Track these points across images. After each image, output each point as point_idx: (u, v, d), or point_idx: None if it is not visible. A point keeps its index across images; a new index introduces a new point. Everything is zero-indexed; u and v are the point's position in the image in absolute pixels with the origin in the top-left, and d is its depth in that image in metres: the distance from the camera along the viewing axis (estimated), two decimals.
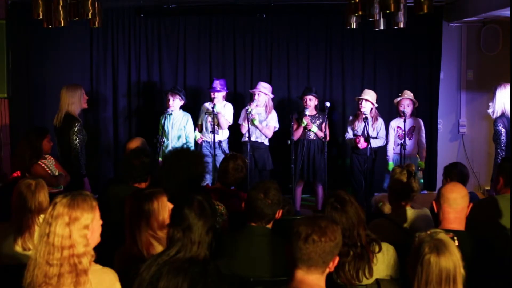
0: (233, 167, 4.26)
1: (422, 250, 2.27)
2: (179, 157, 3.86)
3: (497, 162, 5.82)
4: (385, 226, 3.57)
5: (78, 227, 2.37)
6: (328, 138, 6.50)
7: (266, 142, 6.75)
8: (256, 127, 6.57)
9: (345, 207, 2.85)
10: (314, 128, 6.57)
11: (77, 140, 5.48)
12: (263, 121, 6.62)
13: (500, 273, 2.94)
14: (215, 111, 6.46)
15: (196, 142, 6.77)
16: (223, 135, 6.73)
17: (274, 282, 2.87)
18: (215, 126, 6.53)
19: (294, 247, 2.21)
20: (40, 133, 5.17)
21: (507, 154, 5.81)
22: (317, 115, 6.66)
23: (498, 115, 5.93)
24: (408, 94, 6.64)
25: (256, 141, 6.64)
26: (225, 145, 6.76)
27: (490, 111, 6.05)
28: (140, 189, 3.27)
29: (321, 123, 6.58)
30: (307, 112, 6.56)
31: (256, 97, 6.62)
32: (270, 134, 6.67)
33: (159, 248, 2.83)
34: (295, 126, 6.58)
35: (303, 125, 6.52)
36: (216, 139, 6.59)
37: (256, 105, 6.60)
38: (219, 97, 6.66)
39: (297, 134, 6.61)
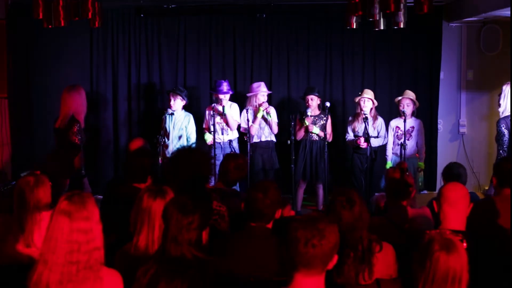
0: (234, 166, 4.26)
1: (431, 247, 2.28)
2: (187, 156, 3.84)
3: None
4: (384, 225, 3.57)
5: (95, 221, 2.45)
6: (330, 138, 6.52)
7: (274, 139, 6.74)
8: (268, 122, 6.58)
9: (353, 208, 2.84)
10: (315, 129, 6.53)
11: (77, 141, 5.46)
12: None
13: (500, 273, 2.95)
14: (224, 114, 6.49)
15: (204, 143, 6.75)
16: (233, 134, 6.75)
17: (274, 282, 2.86)
18: (224, 127, 6.58)
19: (293, 251, 2.19)
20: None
21: (509, 155, 5.80)
22: (321, 115, 6.60)
23: (506, 114, 5.91)
24: (410, 94, 6.64)
25: (266, 141, 6.66)
26: (235, 145, 6.77)
27: (501, 110, 6.03)
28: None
29: (325, 123, 6.57)
30: (309, 112, 6.54)
31: (262, 98, 6.62)
32: (277, 129, 6.69)
33: None
34: (297, 126, 6.58)
35: (305, 125, 6.51)
36: (226, 139, 6.65)
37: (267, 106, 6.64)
38: (226, 98, 6.67)
39: (300, 135, 6.61)
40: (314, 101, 6.61)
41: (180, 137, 6.59)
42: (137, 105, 7.81)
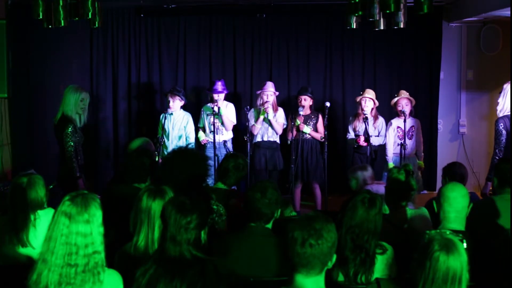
0: (234, 166, 4.26)
1: (431, 247, 2.27)
2: (182, 157, 3.85)
3: (493, 162, 5.81)
4: (383, 226, 3.56)
5: (96, 224, 2.43)
6: (324, 137, 6.47)
7: (278, 140, 6.73)
8: (270, 122, 6.57)
9: (370, 209, 2.84)
10: (306, 129, 6.52)
11: (70, 143, 5.34)
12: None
13: (500, 273, 2.94)
14: (220, 114, 6.48)
15: (199, 143, 6.77)
16: (227, 135, 6.75)
17: (274, 282, 2.86)
18: (219, 127, 6.55)
19: (291, 252, 2.19)
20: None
21: (505, 155, 5.79)
22: (311, 115, 6.61)
23: (505, 113, 5.89)
24: (404, 93, 6.64)
25: (268, 141, 6.65)
26: (229, 145, 6.78)
27: (499, 108, 6.01)
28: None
29: (316, 123, 6.57)
30: (301, 112, 6.54)
31: (266, 98, 6.61)
32: (280, 130, 6.67)
33: None
34: (289, 126, 6.59)
35: (296, 124, 6.52)
36: (221, 139, 6.63)
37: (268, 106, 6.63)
38: (221, 98, 6.68)
39: (291, 134, 6.60)
40: (307, 101, 6.60)
41: (179, 137, 6.60)
42: (137, 105, 7.81)
